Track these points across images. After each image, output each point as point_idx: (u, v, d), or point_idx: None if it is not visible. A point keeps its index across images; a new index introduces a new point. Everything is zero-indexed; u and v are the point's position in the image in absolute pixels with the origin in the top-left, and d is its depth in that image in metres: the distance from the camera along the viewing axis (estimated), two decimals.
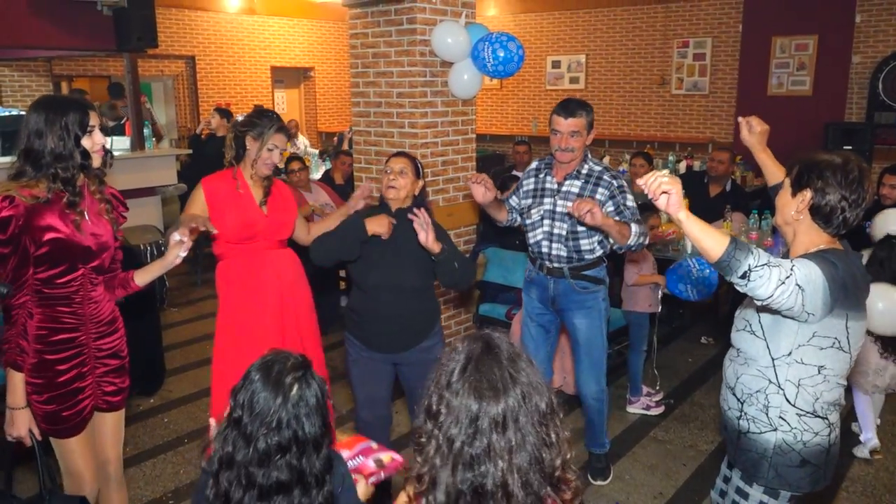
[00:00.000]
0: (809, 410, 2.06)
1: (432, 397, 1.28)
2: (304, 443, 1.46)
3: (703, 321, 5.77)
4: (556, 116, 3.15)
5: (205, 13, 10.43)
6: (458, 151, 4.59)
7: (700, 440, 3.90)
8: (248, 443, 1.44)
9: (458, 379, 1.26)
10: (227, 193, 2.92)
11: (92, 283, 2.39)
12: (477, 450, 1.23)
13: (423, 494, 1.27)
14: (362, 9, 4.42)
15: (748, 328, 2.14)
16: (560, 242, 3.19)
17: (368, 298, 2.88)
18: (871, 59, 8.70)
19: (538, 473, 1.25)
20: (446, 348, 1.34)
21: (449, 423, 1.24)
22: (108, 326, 2.47)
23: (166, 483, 3.51)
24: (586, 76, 11.00)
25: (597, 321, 3.29)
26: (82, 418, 2.41)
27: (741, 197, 5.66)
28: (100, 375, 2.47)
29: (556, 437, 1.28)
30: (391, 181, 2.87)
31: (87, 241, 2.31)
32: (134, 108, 6.96)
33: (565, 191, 3.19)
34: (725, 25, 9.74)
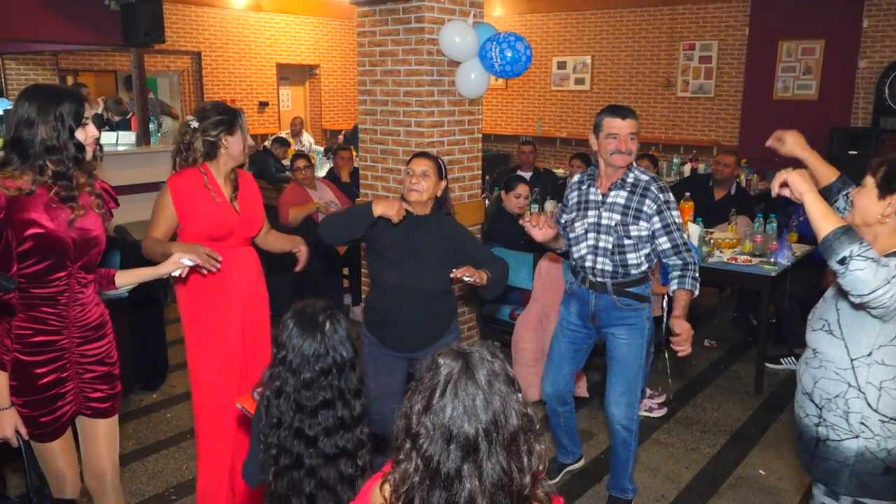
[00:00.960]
0: (893, 416, 1.99)
1: (412, 417, 1.32)
2: (341, 366, 1.81)
3: (706, 324, 5.76)
4: (609, 119, 2.94)
5: (211, 9, 10.43)
6: (464, 151, 4.59)
7: (702, 443, 3.90)
8: (296, 374, 1.79)
9: (437, 400, 1.30)
10: (196, 192, 2.79)
11: (80, 284, 2.29)
12: (450, 470, 1.27)
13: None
14: (370, 7, 4.42)
15: (826, 328, 2.08)
16: (605, 256, 3.00)
17: (387, 299, 2.87)
18: (878, 63, 8.69)
19: (506, 495, 1.29)
20: (424, 363, 1.37)
21: (427, 444, 1.29)
22: (95, 331, 2.37)
23: (168, 478, 3.52)
24: (592, 77, 10.99)
25: (638, 339, 3.07)
26: (61, 424, 2.33)
27: (746, 200, 5.66)
28: (86, 381, 2.37)
29: (527, 458, 1.32)
30: (413, 184, 2.81)
31: (71, 235, 2.21)
32: (140, 103, 6.97)
33: (610, 202, 2.99)
34: (732, 28, 9.73)
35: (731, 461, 3.72)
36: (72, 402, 2.35)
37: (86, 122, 2.22)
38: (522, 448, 1.31)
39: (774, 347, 5.01)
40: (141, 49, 6.98)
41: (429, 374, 1.34)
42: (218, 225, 2.82)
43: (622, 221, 2.97)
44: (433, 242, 2.85)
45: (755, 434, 4.00)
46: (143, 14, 6.34)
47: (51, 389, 2.28)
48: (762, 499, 3.39)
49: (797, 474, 3.59)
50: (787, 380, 4.72)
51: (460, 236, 2.95)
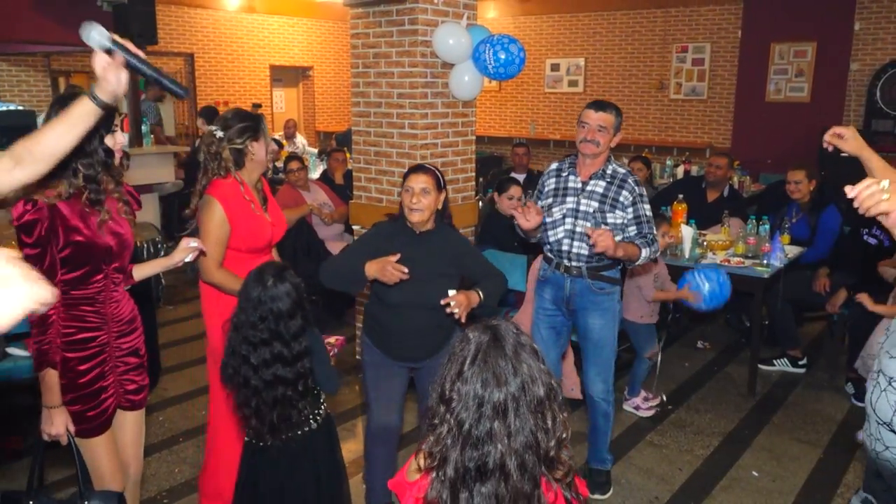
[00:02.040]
0: None
1: (445, 384, 1.43)
2: (277, 314, 2.24)
3: (700, 326, 5.77)
4: (586, 110, 3.16)
5: (204, 10, 10.42)
6: (458, 153, 4.59)
7: (696, 445, 3.91)
8: (244, 315, 2.26)
9: (468, 368, 1.41)
10: (238, 204, 2.78)
11: (114, 284, 2.40)
12: (481, 432, 1.38)
13: (435, 469, 1.43)
14: (364, 9, 4.42)
15: None
16: (582, 241, 3.16)
17: (392, 313, 2.83)
18: (870, 66, 8.74)
19: (534, 455, 1.39)
20: (458, 336, 1.48)
21: (459, 408, 1.39)
22: (129, 325, 2.49)
23: (161, 482, 3.50)
24: (585, 79, 11.02)
25: (610, 322, 3.27)
26: (106, 417, 2.41)
27: (739, 202, 5.68)
28: (121, 374, 2.47)
29: (553, 422, 1.42)
30: (414, 204, 2.74)
31: (108, 241, 2.30)
32: (132, 105, 6.94)
33: (590, 190, 3.17)
34: (724, 31, 9.77)
35: (725, 463, 3.72)
36: (113, 394, 2.44)
37: (114, 129, 2.27)
38: (548, 414, 1.41)
39: (767, 349, 5.02)
40: None
41: (460, 346, 1.45)
42: (259, 237, 2.82)
43: (600, 209, 3.15)
44: (437, 257, 2.81)
45: (748, 435, 4.01)
46: (136, 15, 6.33)
47: (95, 384, 2.36)
48: (755, 500, 3.40)
49: (791, 476, 3.60)
50: (780, 381, 4.74)
51: (463, 249, 2.92)
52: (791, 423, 4.15)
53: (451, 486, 1.39)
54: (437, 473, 1.41)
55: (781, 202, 5.39)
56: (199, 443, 3.86)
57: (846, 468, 3.67)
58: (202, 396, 4.42)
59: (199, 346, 5.27)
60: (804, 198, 5.06)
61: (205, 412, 4.20)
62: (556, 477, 1.44)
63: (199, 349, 5.19)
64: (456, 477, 1.39)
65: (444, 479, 1.40)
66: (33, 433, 3.83)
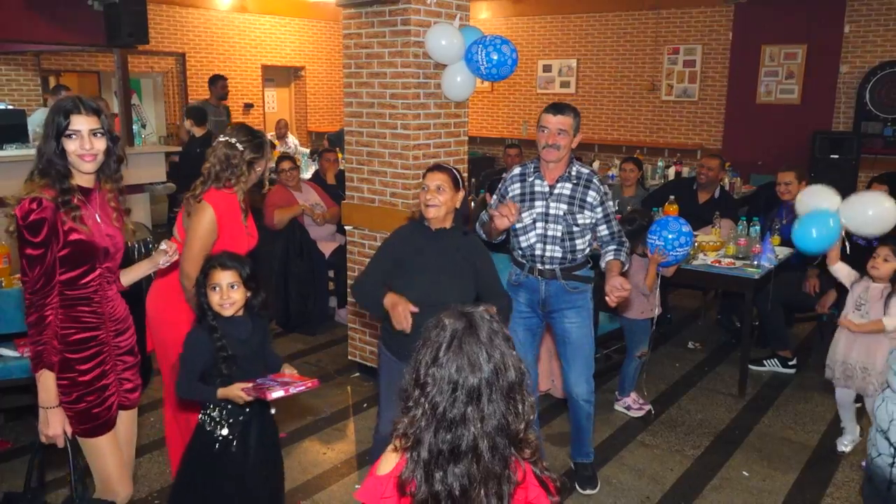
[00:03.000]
0: None
1: (420, 368, 1.47)
2: None
3: (690, 327, 5.80)
4: (544, 114, 3.19)
5: (196, 10, 10.38)
6: (451, 154, 4.59)
7: (687, 445, 3.92)
8: None
9: (443, 354, 1.45)
10: (231, 216, 2.87)
11: (108, 283, 2.41)
12: (455, 416, 1.43)
13: (409, 450, 1.48)
14: (356, 9, 4.41)
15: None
16: (555, 244, 3.20)
17: None
18: (859, 68, 8.79)
19: (504, 437, 1.46)
20: (431, 321, 1.53)
21: (434, 392, 1.44)
22: (123, 323, 2.50)
23: (152, 483, 3.49)
24: (577, 80, 11.04)
25: (587, 320, 3.32)
26: (112, 414, 2.42)
27: (730, 204, 5.70)
28: (119, 372, 2.48)
29: (521, 406, 1.49)
30: (429, 200, 2.77)
31: (104, 243, 2.32)
32: (123, 105, 6.92)
33: (558, 193, 3.20)
34: (716, 33, 9.81)
35: (716, 463, 3.74)
36: (115, 392, 2.45)
37: (72, 134, 2.21)
38: (518, 398, 1.48)
39: (758, 349, 5.05)
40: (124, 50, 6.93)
41: (435, 332, 1.49)
42: (239, 247, 2.86)
43: (569, 210, 3.19)
44: (453, 256, 2.80)
45: (739, 436, 4.03)
46: (127, 15, 6.29)
47: (98, 382, 2.37)
48: (746, 500, 3.41)
49: (780, 475, 3.62)
50: (771, 381, 4.76)
51: (480, 257, 2.89)
52: (781, 424, 4.18)
53: (425, 466, 1.45)
54: (412, 454, 1.47)
55: (772, 203, 5.42)
56: None
57: (836, 468, 3.69)
58: None
59: None
60: (794, 199, 5.08)
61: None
62: (524, 456, 1.52)
63: None
64: (430, 458, 1.45)
65: (417, 459, 1.46)
66: (25, 434, 3.84)
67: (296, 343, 5.31)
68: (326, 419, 4.13)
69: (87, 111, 2.24)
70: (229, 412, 2.49)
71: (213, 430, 2.49)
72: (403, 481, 1.47)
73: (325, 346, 5.27)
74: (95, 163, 2.28)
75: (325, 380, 4.59)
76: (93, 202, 2.33)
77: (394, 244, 2.90)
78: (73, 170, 2.27)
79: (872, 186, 4.87)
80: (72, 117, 2.22)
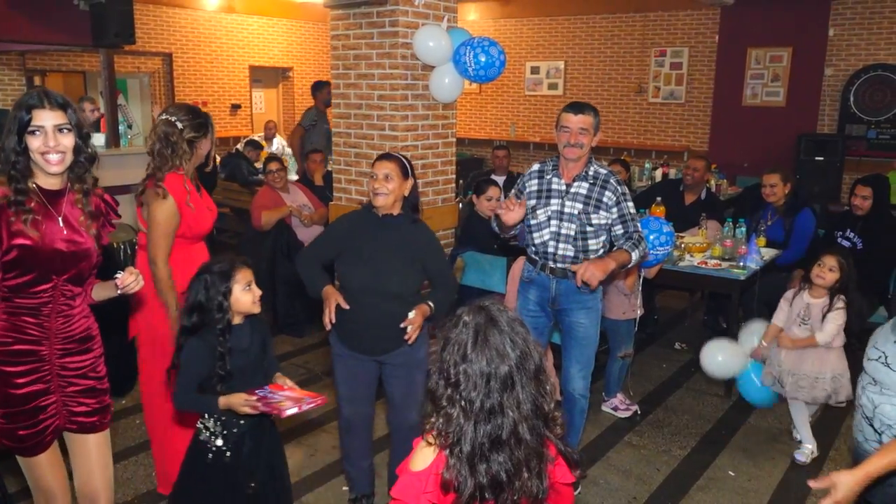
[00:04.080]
0: None
1: (450, 368, 1.52)
2: None
3: (677, 328, 5.83)
4: (565, 114, 3.17)
5: (183, 10, 10.32)
6: (438, 155, 4.60)
7: (674, 445, 3.94)
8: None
9: (471, 351, 1.50)
10: (182, 194, 2.92)
11: (65, 297, 2.23)
12: (492, 406, 1.49)
13: (451, 447, 1.51)
14: (344, 10, 4.41)
15: (882, 359, 2.14)
16: (568, 243, 3.19)
17: (352, 301, 2.83)
18: (843, 71, 8.88)
19: (540, 419, 1.53)
20: (450, 321, 1.57)
21: (469, 389, 1.49)
22: (79, 345, 2.30)
23: (138, 486, 3.46)
24: (565, 82, 11.08)
25: (595, 319, 3.31)
26: (43, 437, 2.25)
27: (716, 205, 5.73)
28: (69, 395, 2.30)
29: (548, 386, 1.56)
30: (377, 188, 2.81)
31: (59, 247, 2.15)
32: (109, 105, 6.87)
33: (574, 192, 3.18)
34: (702, 36, 9.87)
35: (702, 463, 3.76)
36: (55, 415, 2.28)
37: (34, 130, 2.07)
38: (542, 378, 1.55)
39: None
40: (111, 50, 6.88)
41: (456, 331, 1.54)
42: (203, 223, 2.99)
43: (584, 210, 3.16)
44: (399, 244, 2.83)
45: (725, 436, 4.05)
46: (114, 14, 6.25)
47: (31, 401, 2.21)
48: (732, 499, 3.44)
49: (766, 475, 3.64)
50: None
51: (425, 245, 2.92)
52: (766, 423, 4.21)
53: (469, 460, 1.49)
54: (454, 451, 1.50)
55: (757, 205, 5.46)
56: None
57: (820, 467, 3.72)
58: None
59: None
60: (779, 201, 5.13)
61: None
62: (556, 434, 1.59)
63: None
64: (473, 452, 1.49)
65: (461, 455, 1.49)
66: None
67: (284, 344, 5.29)
68: (313, 421, 4.11)
69: (52, 105, 2.08)
70: (224, 423, 2.39)
71: (207, 439, 2.40)
72: (447, 480, 1.50)
73: (312, 348, 5.25)
74: (63, 163, 2.12)
75: (313, 381, 4.58)
76: (59, 206, 2.17)
77: (340, 229, 2.96)
78: (38, 170, 2.12)
79: (856, 189, 4.90)
80: (34, 112, 2.06)
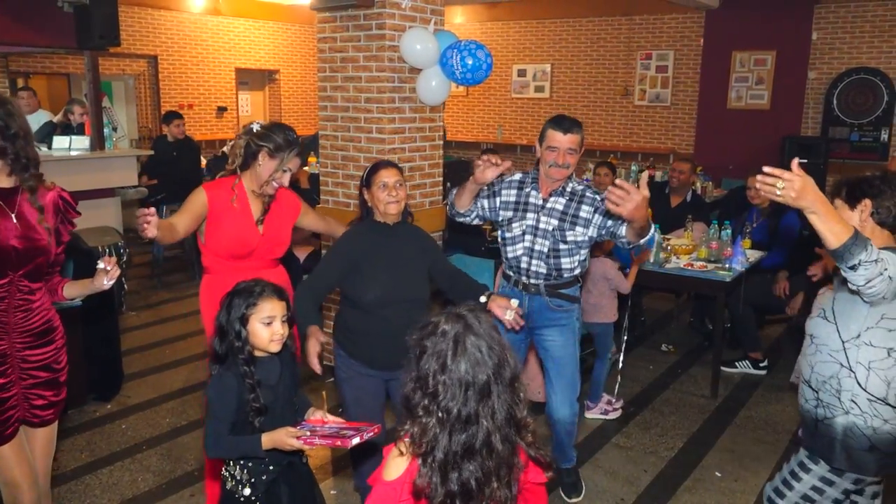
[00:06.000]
0: (881, 397, 2.24)
1: (428, 378, 1.49)
2: None
3: (664, 329, 5.86)
4: (552, 132, 3.03)
5: (168, 12, 10.26)
6: (426, 157, 4.60)
7: (661, 446, 3.96)
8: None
9: (451, 360, 1.49)
10: (225, 205, 2.77)
11: (22, 292, 2.28)
12: (468, 414, 1.48)
13: (423, 456, 1.50)
14: (331, 13, 4.40)
15: (822, 314, 2.39)
16: (540, 259, 3.10)
17: (367, 316, 2.73)
18: (827, 75, 8.97)
19: (513, 427, 1.53)
20: (426, 330, 1.54)
21: (447, 398, 1.48)
22: (38, 338, 2.36)
23: (124, 491, 3.43)
24: (551, 85, 11.11)
25: (570, 339, 3.21)
26: (5, 430, 2.30)
27: (702, 207, 5.77)
28: (27, 387, 2.36)
29: (523, 394, 1.55)
30: (392, 198, 2.73)
31: (13, 244, 2.21)
32: (94, 108, 6.81)
33: (550, 207, 3.09)
34: (687, 39, 9.94)
35: (689, 464, 3.78)
36: (16, 406, 2.33)
37: None
38: (517, 385, 1.55)
39: (729, 351, 5.11)
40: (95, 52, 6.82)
41: (433, 339, 1.52)
42: (239, 243, 2.79)
43: (559, 227, 3.07)
44: (409, 249, 2.79)
45: (712, 437, 4.07)
46: (98, 16, 6.20)
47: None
48: (718, 500, 3.45)
49: (752, 476, 3.67)
50: (742, 383, 4.83)
51: (433, 246, 2.92)
52: (752, 424, 4.23)
53: (441, 468, 1.49)
54: (426, 460, 1.49)
55: (742, 207, 5.50)
56: (162, 451, 3.80)
57: None
58: (166, 404, 4.36)
59: (163, 352, 5.19)
60: (764, 203, 5.17)
61: (169, 420, 4.15)
62: (527, 441, 1.58)
63: (162, 356, 5.12)
64: (445, 460, 1.48)
65: (433, 464, 1.49)
66: None
67: None
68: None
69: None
70: (251, 470, 2.16)
71: (234, 489, 2.18)
72: (420, 488, 1.49)
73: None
74: None
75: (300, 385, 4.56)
76: (12, 204, 2.24)
77: (355, 247, 2.78)
78: None
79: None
80: None
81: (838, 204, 2.35)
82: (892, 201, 2.30)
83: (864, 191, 2.32)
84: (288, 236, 2.97)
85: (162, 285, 6.74)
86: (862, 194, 2.31)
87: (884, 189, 2.29)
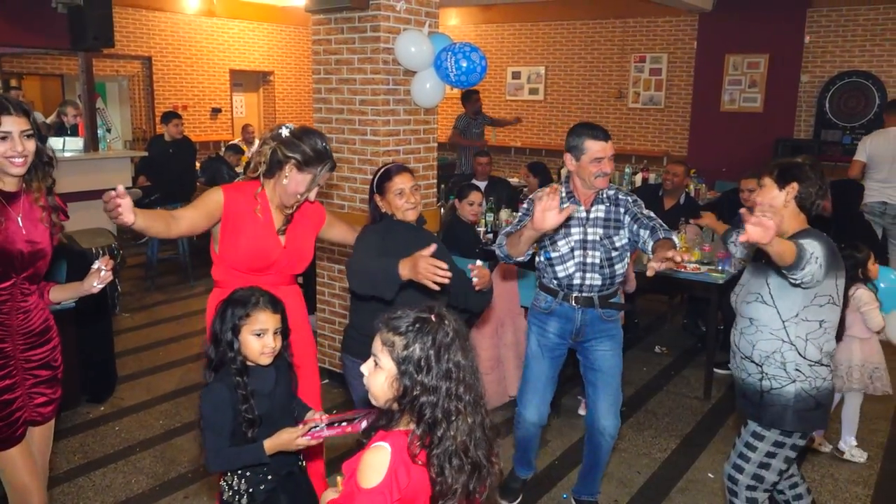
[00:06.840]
0: (817, 360, 2.53)
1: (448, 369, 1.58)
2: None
3: (657, 331, 5.88)
4: (591, 141, 2.91)
5: (162, 13, 10.25)
6: (420, 160, 4.60)
7: (654, 448, 3.97)
8: None
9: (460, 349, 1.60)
10: (245, 212, 2.54)
11: (23, 294, 2.30)
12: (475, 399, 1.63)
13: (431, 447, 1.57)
14: (325, 15, 4.41)
15: (759, 299, 2.59)
16: (595, 272, 3.01)
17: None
18: (819, 78, 9.02)
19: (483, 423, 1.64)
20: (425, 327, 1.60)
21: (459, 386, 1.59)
22: (39, 337, 2.38)
23: (117, 493, 3.43)
24: (545, 88, 11.13)
25: (618, 347, 3.15)
26: (14, 432, 2.31)
27: (695, 209, 5.77)
28: (30, 387, 2.37)
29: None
30: (410, 204, 2.70)
31: (20, 247, 2.22)
32: (88, 109, 6.81)
33: (594, 217, 3.01)
34: (681, 42, 9.97)
35: (682, 465, 3.79)
36: (23, 408, 2.35)
37: (3, 136, 2.12)
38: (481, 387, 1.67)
39: (722, 353, 5.10)
40: (90, 53, 6.82)
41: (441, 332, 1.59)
42: (259, 255, 2.56)
43: (605, 234, 3.00)
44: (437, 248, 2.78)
45: (704, 438, 4.09)
46: (92, 17, 6.20)
47: (1, 395, 2.27)
48: (711, 501, 3.47)
49: None
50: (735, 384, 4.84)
51: (442, 245, 2.88)
52: None
53: (456, 455, 1.59)
54: (433, 451, 1.57)
55: (736, 209, 5.50)
56: (156, 453, 3.79)
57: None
58: (159, 406, 4.35)
59: (156, 354, 5.18)
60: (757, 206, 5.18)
61: (162, 421, 4.14)
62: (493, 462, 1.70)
63: (156, 358, 5.11)
64: (458, 448, 1.59)
65: (446, 454, 1.57)
66: None
67: None
68: None
69: (17, 112, 2.15)
70: (248, 480, 2.13)
71: (231, 499, 2.15)
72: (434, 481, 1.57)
73: None
74: (25, 166, 2.19)
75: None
76: (16, 206, 2.24)
77: (377, 240, 2.68)
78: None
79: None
80: (2, 118, 2.12)
81: (767, 182, 2.59)
82: (815, 188, 2.55)
83: (794, 174, 2.56)
84: (311, 249, 2.76)
85: (156, 287, 6.73)
86: (792, 177, 2.56)
87: (811, 175, 2.55)
